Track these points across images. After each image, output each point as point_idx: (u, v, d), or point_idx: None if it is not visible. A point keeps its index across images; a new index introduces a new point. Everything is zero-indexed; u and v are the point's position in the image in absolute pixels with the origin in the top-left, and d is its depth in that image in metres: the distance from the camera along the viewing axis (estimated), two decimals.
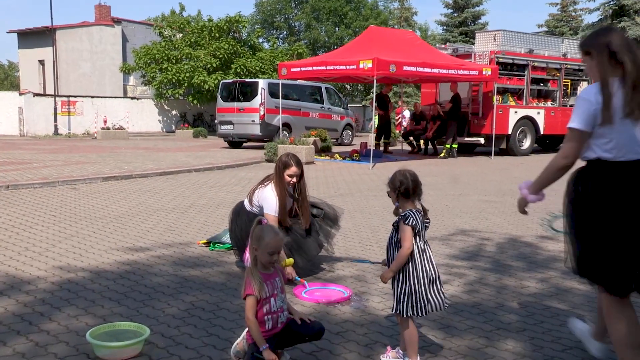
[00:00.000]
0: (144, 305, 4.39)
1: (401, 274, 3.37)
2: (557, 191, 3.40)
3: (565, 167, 3.17)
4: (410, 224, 3.31)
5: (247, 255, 3.21)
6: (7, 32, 39.54)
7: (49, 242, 6.34)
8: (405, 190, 3.38)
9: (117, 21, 37.91)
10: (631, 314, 3.08)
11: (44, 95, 30.22)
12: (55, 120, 28.37)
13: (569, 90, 20.49)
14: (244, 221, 5.16)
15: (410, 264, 3.35)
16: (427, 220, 3.49)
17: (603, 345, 3.51)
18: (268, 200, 4.98)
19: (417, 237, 3.36)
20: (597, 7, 32.41)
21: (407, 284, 3.35)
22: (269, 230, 3.35)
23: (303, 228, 5.14)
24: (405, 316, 3.38)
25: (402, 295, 3.37)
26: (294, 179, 4.98)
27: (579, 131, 3.06)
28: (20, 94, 28.50)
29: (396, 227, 3.42)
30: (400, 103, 25.81)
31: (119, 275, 5.13)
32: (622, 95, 2.95)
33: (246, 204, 5.25)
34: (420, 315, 3.36)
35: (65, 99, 29.26)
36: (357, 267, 5.53)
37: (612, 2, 31.22)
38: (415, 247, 3.34)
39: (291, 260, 4.91)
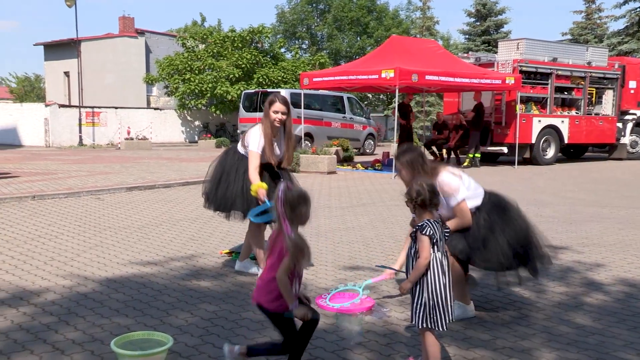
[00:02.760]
0: (167, 315, 4.42)
1: (418, 285, 3.36)
2: None
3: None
4: (427, 233, 3.30)
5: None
6: (34, 45, 40.15)
7: (73, 251, 6.41)
8: (422, 201, 3.39)
9: (141, 32, 38.35)
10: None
11: (69, 106, 30.62)
12: (80, 131, 28.72)
13: (593, 99, 20.29)
14: (230, 160, 5.55)
15: (427, 274, 3.33)
16: (447, 230, 3.48)
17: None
18: (252, 136, 5.29)
19: (435, 247, 3.35)
20: (623, 14, 32.05)
21: (424, 295, 3.33)
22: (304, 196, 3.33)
23: (284, 166, 5.54)
24: (420, 327, 3.36)
25: (418, 307, 3.35)
26: (279, 116, 5.21)
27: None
28: (46, 106, 28.90)
29: (414, 238, 3.41)
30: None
31: (142, 285, 5.17)
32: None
33: (239, 147, 5.55)
34: (436, 328, 3.33)
35: (89, 109, 29.62)
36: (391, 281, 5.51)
37: (638, 9, 30.81)
38: (433, 258, 3.33)
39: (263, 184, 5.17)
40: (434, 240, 3.33)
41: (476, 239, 4.26)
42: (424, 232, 3.31)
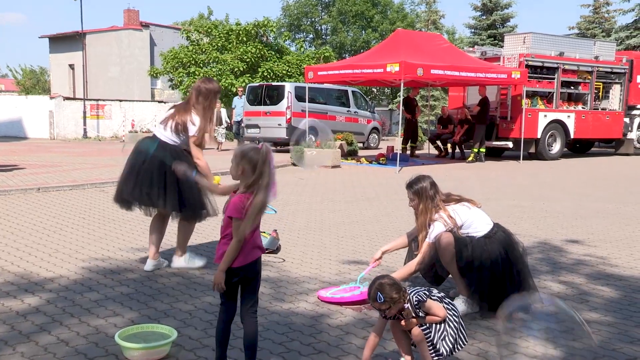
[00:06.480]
0: (172, 308, 4.41)
1: None
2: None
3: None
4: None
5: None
6: (39, 37, 40.37)
7: (78, 244, 6.41)
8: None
9: (146, 25, 38.34)
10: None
11: (74, 99, 30.65)
12: (85, 124, 28.74)
13: (600, 94, 20.17)
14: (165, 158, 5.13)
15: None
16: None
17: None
18: (198, 122, 5.23)
19: None
20: (631, 7, 31.82)
21: None
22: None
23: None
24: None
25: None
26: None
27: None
28: (51, 98, 28.94)
29: None
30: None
31: (146, 277, 5.16)
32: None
33: (168, 136, 5.25)
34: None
35: (94, 102, 29.63)
36: (379, 269, 5.49)
37: None
38: None
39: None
40: None
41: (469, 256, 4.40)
42: None
